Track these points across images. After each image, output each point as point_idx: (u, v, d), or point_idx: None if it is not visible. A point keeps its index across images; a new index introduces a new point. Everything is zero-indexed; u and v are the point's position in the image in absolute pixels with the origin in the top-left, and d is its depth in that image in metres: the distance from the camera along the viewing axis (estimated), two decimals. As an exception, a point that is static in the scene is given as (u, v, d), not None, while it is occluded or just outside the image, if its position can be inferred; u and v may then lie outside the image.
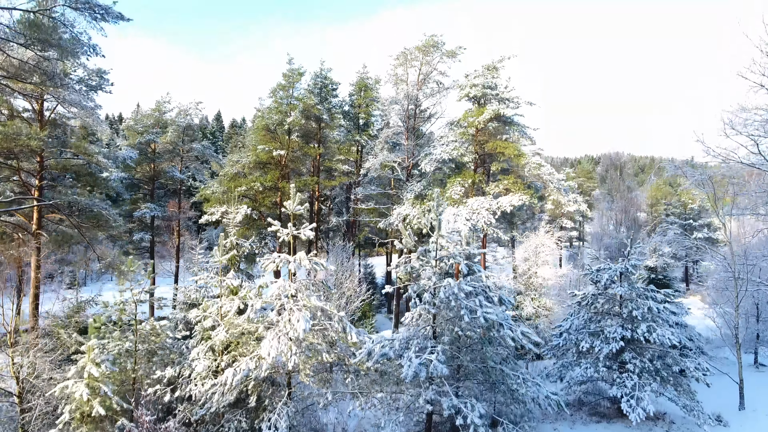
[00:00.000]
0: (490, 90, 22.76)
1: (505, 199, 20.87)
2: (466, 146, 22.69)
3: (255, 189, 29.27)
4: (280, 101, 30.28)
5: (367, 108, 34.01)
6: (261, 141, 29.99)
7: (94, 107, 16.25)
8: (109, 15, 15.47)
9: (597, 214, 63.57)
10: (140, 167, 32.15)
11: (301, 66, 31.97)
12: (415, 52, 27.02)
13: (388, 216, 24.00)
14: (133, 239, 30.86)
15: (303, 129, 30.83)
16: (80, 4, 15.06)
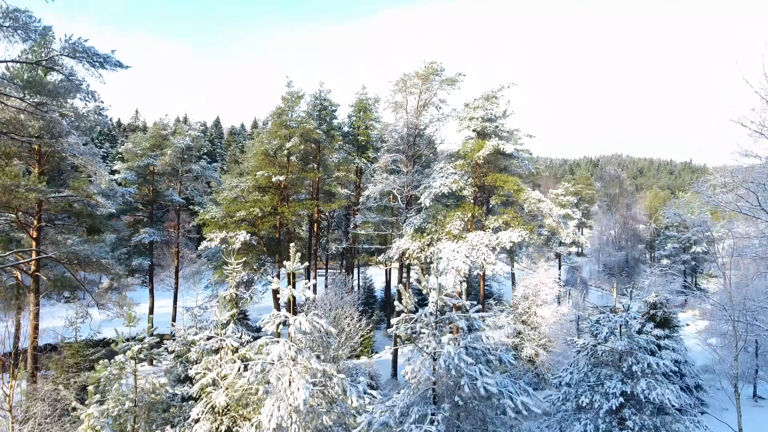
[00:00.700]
0: (490, 123, 22.75)
1: (505, 234, 20.86)
2: (466, 179, 22.68)
3: (254, 214, 29.25)
4: (279, 126, 30.25)
5: (366, 130, 33.98)
6: (260, 166, 29.95)
7: (93, 153, 16.20)
8: (108, 63, 15.44)
9: (596, 230, 63.54)
10: (139, 189, 32.09)
11: (300, 89, 31.97)
12: (414, 79, 26.98)
13: (388, 247, 23.97)
14: (132, 264, 30.81)
15: (302, 153, 30.81)
16: (78, 53, 15.03)
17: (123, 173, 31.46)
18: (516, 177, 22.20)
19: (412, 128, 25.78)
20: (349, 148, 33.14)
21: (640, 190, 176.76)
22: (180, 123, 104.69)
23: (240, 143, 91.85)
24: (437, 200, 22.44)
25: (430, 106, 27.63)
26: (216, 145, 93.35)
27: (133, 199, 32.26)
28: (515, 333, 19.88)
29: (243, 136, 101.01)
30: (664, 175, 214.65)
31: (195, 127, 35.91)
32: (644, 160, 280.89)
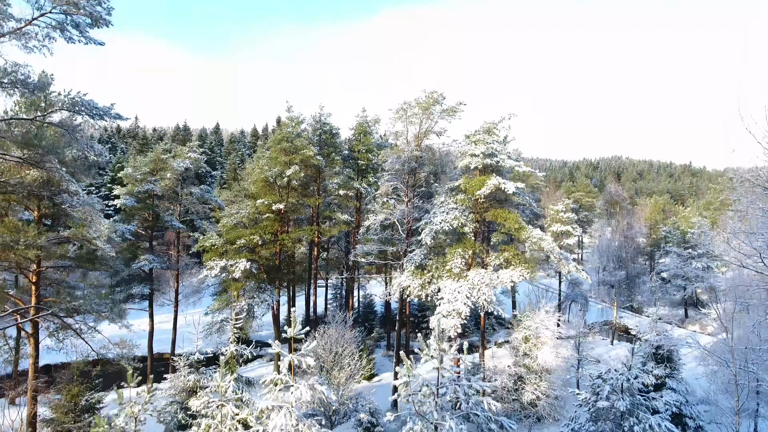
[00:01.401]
0: (491, 158, 22.69)
1: (506, 273, 20.81)
2: (467, 214, 22.62)
3: (254, 242, 29.20)
4: (279, 152, 30.20)
5: (366, 153, 33.91)
6: (261, 193, 29.91)
7: (92, 204, 16.13)
8: (107, 116, 15.41)
9: (596, 247, 63.35)
10: (138, 215, 31.99)
11: (300, 114, 31.95)
12: (414, 108, 26.92)
13: (389, 284, 23.90)
14: (133, 292, 30.71)
15: (303, 179, 30.74)
16: (78, 107, 14.97)
17: (123, 199, 31.35)
18: (517, 213, 22.13)
19: (412, 158, 25.71)
20: (350, 171, 33.07)
21: (639, 194, 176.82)
22: (180, 130, 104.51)
23: (240, 151, 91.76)
24: (438, 236, 22.37)
25: (431, 134, 27.59)
26: (216, 152, 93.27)
27: (132, 222, 32.17)
28: (516, 377, 19.83)
29: (243, 144, 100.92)
30: (664, 178, 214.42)
31: (194, 149, 35.78)
32: (644, 163, 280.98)
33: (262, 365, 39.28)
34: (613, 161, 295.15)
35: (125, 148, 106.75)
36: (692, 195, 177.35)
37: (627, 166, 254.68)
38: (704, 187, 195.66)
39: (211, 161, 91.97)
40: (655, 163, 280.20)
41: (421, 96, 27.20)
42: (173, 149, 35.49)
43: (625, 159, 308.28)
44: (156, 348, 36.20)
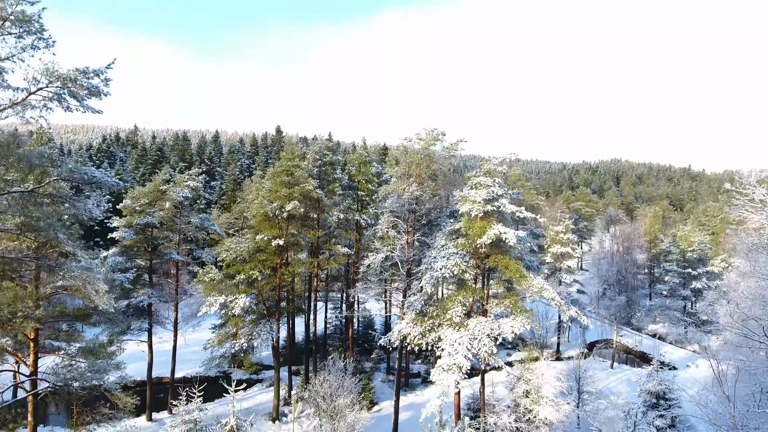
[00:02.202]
0: (492, 202, 22.60)
1: (506, 324, 20.75)
2: (467, 260, 22.53)
3: (254, 277, 29.13)
4: (279, 185, 30.10)
5: (366, 184, 33.80)
6: (260, 227, 29.79)
7: (90, 268, 16.01)
8: (105, 185, 15.30)
9: (596, 275, 63.32)
10: (137, 247, 31.86)
11: (302, 147, 31.79)
12: (415, 146, 26.86)
13: (389, 333, 23.82)
14: (131, 328, 30.57)
15: (302, 213, 30.62)
16: (76, 177, 14.86)
17: (121, 231, 31.21)
18: (518, 261, 22.06)
19: (412, 200, 25.64)
20: (350, 202, 32.98)
21: (639, 199, 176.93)
22: (178, 139, 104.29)
23: (239, 161, 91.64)
24: (438, 283, 22.29)
25: (430, 178, 27.50)
26: (215, 162, 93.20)
27: (131, 254, 32.05)
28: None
29: (242, 153, 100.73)
30: (663, 183, 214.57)
31: (194, 177, 35.59)
32: (643, 166, 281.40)
33: (261, 391, 39.14)
34: (612, 164, 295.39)
35: (124, 156, 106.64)
36: (692, 200, 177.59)
37: (626, 170, 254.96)
38: (704, 191, 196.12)
39: (210, 171, 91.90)
40: (655, 166, 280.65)
41: (421, 132, 27.14)
42: (173, 177, 35.31)
43: (624, 162, 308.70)
44: (155, 371, 35.97)
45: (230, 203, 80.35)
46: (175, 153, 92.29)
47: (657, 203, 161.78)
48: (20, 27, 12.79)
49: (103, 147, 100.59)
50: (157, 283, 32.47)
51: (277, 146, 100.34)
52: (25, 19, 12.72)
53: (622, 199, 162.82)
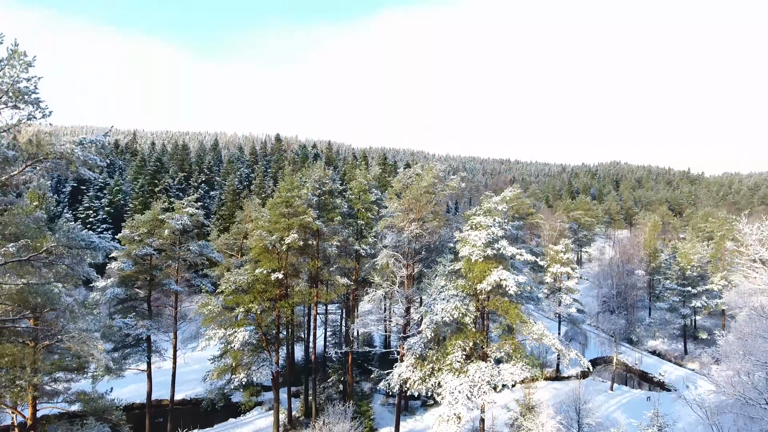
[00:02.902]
0: (492, 245, 22.52)
1: (507, 370, 20.68)
2: (467, 303, 22.45)
3: (253, 310, 29.04)
4: (278, 217, 29.99)
5: (366, 212, 33.69)
6: (260, 258, 29.72)
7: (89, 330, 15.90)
8: (99, 250, 15.24)
9: (595, 280, 63.33)
10: (136, 277, 31.74)
11: (301, 177, 31.70)
12: (414, 183, 26.78)
13: (390, 377, 23.77)
14: (129, 357, 30.44)
15: (300, 246, 30.54)
16: (72, 242, 14.78)
17: (120, 262, 31.07)
18: (519, 305, 21.98)
19: (412, 239, 25.55)
20: (349, 231, 32.88)
21: (638, 203, 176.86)
22: (177, 148, 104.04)
23: (239, 171, 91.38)
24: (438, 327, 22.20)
25: (430, 218, 27.43)
26: (214, 171, 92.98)
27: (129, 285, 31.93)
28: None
29: (242, 161, 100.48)
30: (663, 187, 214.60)
31: (193, 203, 35.45)
32: (642, 168, 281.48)
33: (261, 415, 39.06)
34: (611, 167, 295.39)
35: (123, 165, 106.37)
36: (691, 205, 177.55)
37: (626, 173, 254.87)
38: (703, 196, 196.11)
39: (210, 181, 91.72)
40: (654, 169, 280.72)
41: (421, 169, 27.03)
42: (172, 204, 35.16)
43: (623, 164, 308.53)
44: (155, 392, 35.80)
45: (229, 214, 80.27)
46: (174, 163, 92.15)
47: (656, 208, 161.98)
48: (17, 99, 12.74)
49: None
50: (156, 313, 32.34)
51: (277, 155, 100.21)
52: (21, 92, 12.65)
53: (622, 204, 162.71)
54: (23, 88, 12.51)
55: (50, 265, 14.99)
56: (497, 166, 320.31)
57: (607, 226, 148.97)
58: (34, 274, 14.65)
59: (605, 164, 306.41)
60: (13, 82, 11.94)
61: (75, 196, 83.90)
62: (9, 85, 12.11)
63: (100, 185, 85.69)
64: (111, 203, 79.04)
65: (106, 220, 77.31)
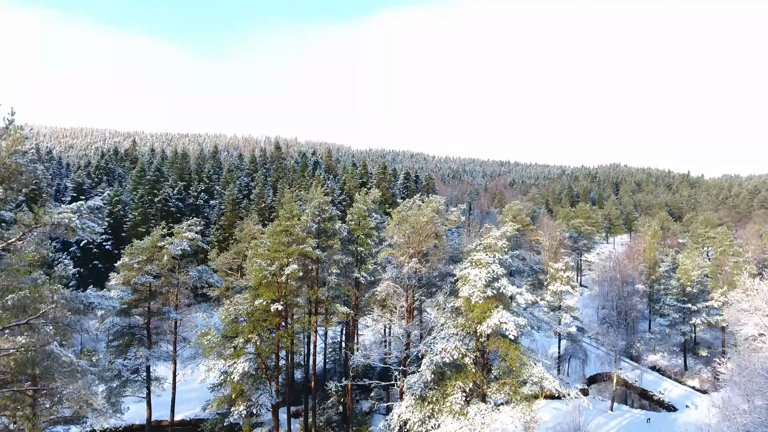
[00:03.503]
0: (492, 285, 22.45)
1: (507, 413, 20.63)
2: (467, 342, 22.41)
3: (252, 340, 28.99)
4: (278, 246, 29.93)
5: (366, 239, 33.61)
6: (258, 290, 29.64)
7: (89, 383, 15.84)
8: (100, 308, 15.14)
9: (595, 289, 63.27)
10: (135, 306, 31.67)
11: (301, 205, 31.63)
12: (413, 216, 26.71)
13: (389, 417, 23.71)
14: (127, 385, 30.34)
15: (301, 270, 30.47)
16: (71, 304, 14.69)
17: (119, 290, 31.01)
18: (519, 346, 21.93)
19: (411, 274, 25.48)
20: (350, 260, 32.79)
21: (638, 207, 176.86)
22: (177, 156, 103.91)
23: (238, 180, 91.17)
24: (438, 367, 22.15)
25: (431, 238, 27.33)
26: (214, 180, 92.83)
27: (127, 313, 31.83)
28: None
29: (241, 170, 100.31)
30: (662, 190, 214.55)
31: (193, 227, 35.37)
32: (642, 171, 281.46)
33: (260, 439, 39.04)
34: (611, 169, 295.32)
35: (123, 172, 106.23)
36: (691, 209, 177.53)
37: (625, 176, 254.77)
38: (702, 199, 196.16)
39: (209, 189, 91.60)
40: (654, 171, 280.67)
41: (424, 208, 26.94)
42: (171, 229, 35.06)
43: (623, 167, 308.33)
44: (154, 413, 35.68)
45: (229, 224, 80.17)
46: (174, 171, 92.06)
47: (656, 213, 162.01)
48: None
49: (101, 164, 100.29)
50: (155, 341, 32.28)
51: (277, 162, 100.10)
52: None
53: (621, 208, 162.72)
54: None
55: (49, 325, 14.92)
56: (497, 168, 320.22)
57: (607, 232, 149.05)
58: (32, 335, 14.59)
59: (605, 166, 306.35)
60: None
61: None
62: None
63: (100, 194, 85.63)
64: (110, 214, 78.75)
65: (106, 230, 77.14)
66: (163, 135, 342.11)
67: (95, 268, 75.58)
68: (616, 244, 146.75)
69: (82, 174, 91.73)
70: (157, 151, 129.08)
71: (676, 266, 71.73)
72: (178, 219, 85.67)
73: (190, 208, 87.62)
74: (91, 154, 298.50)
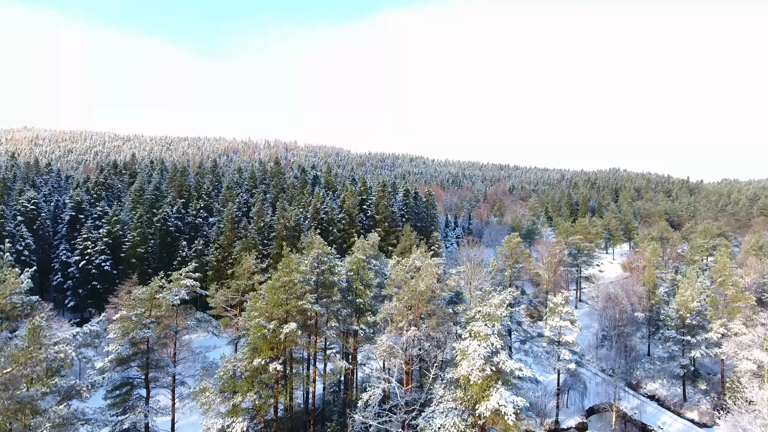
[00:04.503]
0: (491, 361, 22.37)
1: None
2: (465, 417, 22.32)
3: (252, 398, 28.93)
4: (276, 304, 29.81)
5: (365, 290, 33.51)
6: (257, 347, 29.54)
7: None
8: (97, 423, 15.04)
9: (594, 321, 63.15)
10: (133, 360, 31.56)
11: (299, 257, 31.53)
12: (411, 281, 26.60)
13: None
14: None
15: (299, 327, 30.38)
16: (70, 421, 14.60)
17: (117, 345, 30.84)
18: (518, 422, 21.85)
19: (410, 343, 25.40)
20: (348, 312, 32.69)
21: (637, 216, 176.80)
22: (177, 171, 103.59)
23: (237, 198, 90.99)
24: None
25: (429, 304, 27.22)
26: (213, 197, 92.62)
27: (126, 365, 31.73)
28: None
29: (241, 186, 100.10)
30: (662, 197, 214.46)
31: (191, 274, 35.24)
32: (641, 177, 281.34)
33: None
34: (610, 174, 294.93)
35: (122, 187, 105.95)
36: (690, 217, 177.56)
37: (625, 182, 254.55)
38: (702, 207, 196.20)
39: (209, 207, 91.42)
40: (653, 177, 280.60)
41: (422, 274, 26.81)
42: (170, 276, 34.94)
43: (622, 171, 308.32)
44: None
45: (228, 244, 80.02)
46: (173, 188, 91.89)
47: (656, 221, 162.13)
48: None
49: (100, 179, 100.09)
50: (153, 397, 32.16)
51: (276, 179, 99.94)
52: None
53: (621, 217, 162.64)
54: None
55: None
56: (496, 173, 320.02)
57: (607, 242, 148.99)
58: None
59: (604, 171, 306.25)
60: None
61: (73, 225, 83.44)
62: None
63: (99, 214, 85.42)
64: (109, 234, 78.68)
65: (105, 251, 76.98)
66: (163, 139, 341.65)
67: (94, 289, 75.41)
68: (615, 254, 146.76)
69: (81, 191, 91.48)
70: (156, 163, 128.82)
71: (675, 287, 71.71)
72: (177, 238, 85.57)
73: (189, 227, 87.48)
74: (90, 159, 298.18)
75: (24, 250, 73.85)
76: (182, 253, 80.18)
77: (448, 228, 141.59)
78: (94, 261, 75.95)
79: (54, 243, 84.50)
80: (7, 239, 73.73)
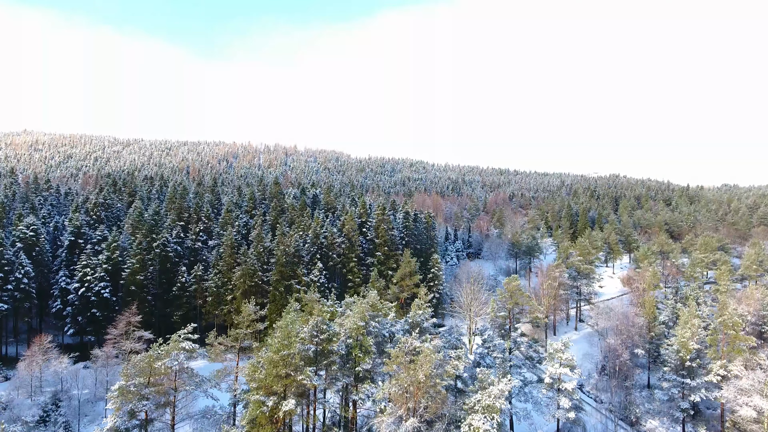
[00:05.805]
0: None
1: None
2: None
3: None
4: (275, 378, 29.70)
5: (364, 357, 33.41)
6: (255, 424, 29.46)
7: None
8: None
9: (594, 348, 63.11)
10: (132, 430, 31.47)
11: (297, 320, 31.43)
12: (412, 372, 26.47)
13: None
14: None
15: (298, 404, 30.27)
16: None
17: (116, 417, 30.75)
18: None
19: (410, 428, 25.28)
20: (346, 380, 32.59)
21: (636, 227, 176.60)
22: (176, 190, 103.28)
23: (237, 221, 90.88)
24: None
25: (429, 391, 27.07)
26: (213, 219, 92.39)
27: None
28: None
29: (241, 209, 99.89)
30: (662, 207, 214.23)
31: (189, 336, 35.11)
32: (641, 184, 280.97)
33: None
34: (610, 180, 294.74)
35: (122, 207, 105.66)
36: (690, 228, 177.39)
37: (625, 190, 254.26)
38: (702, 217, 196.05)
39: (208, 229, 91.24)
40: (653, 185, 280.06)
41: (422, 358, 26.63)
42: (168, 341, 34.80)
43: (622, 178, 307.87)
44: None
45: (228, 269, 79.95)
46: (172, 212, 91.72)
47: (656, 232, 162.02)
48: None
49: (100, 200, 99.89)
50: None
51: (276, 200, 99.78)
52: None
53: (621, 228, 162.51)
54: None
55: None
56: (496, 178, 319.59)
57: (607, 255, 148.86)
58: None
59: (604, 177, 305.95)
60: None
61: (72, 249, 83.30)
62: None
63: (98, 238, 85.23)
64: (109, 260, 78.46)
65: (104, 278, 76.80)
66: (162, 143, 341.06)
67: (93, 316, 75.28)
68: (616, 267, 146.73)
69: (80, 214, 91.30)
70: (155, 178, 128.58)
71: (675, 315, 71.62)
72: (177, 263, 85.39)
73: (188, 251, 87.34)
74: (90, 165, 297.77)
75: (23, 278, 73.80)
76: (182, 279, 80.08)
77: (448, 242, 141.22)
78: (94, 288, 75.76)
79: (53, 268, 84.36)
80: (5, 267, 73.05)
